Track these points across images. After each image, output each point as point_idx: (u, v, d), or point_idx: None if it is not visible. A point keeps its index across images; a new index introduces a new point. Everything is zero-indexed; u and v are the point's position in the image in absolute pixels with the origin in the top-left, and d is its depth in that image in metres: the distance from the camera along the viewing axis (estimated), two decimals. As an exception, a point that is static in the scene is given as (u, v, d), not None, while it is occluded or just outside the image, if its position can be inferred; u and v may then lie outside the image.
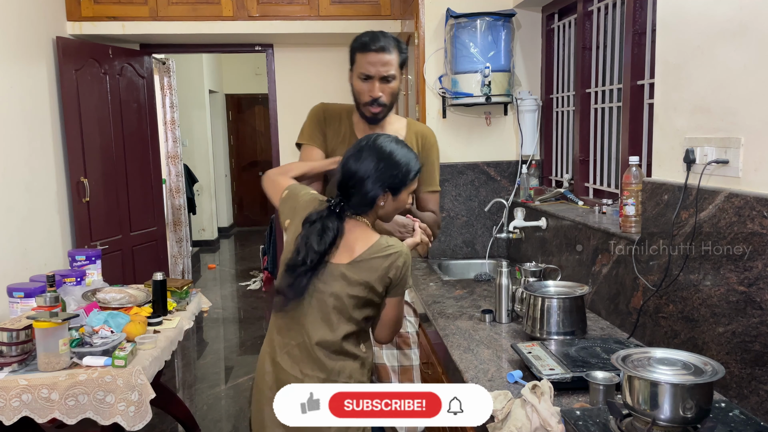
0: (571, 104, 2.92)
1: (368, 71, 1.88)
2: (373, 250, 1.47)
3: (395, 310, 1.54)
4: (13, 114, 3.17)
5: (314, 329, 1.50)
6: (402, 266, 1.48)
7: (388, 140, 1.53)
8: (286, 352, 1.53)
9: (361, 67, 1.89)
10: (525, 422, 1.36)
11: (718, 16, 1.51)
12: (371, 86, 1.90)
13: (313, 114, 2.05)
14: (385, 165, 1.48)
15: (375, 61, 1.87)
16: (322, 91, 4.46)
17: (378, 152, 1.49)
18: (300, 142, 2.05)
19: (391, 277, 1.47)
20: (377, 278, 1.46)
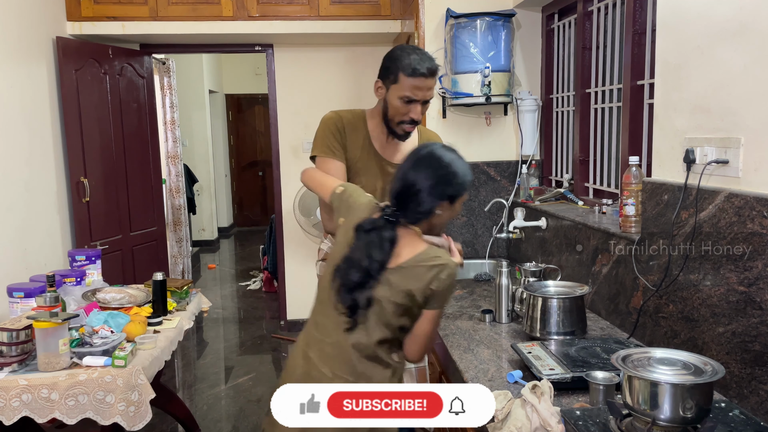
0: (571, 104, 2.92)
1: (414, 96, 1.83)
2: (419, 258, 1.44)
3: (430, 325, 1.48)
4: (13, 114, 3.17)
5: (351, 330, 1.48)
6: (446, 279, 1.43)
7: (445, 150, 1.50)
8: (320, 348, 1.51)
9: (405, 90, 1.82)
10: (525, 422, 1.36)
11: (718, 16, 1.51)
12: (414, 109, 1.85)
13: (329, 125, 1.97)
14: (444, 175, 1.45)
15: (422, 86, 1.83)
16: (322, 91, 4.48)
17: (437, 163, 1.46)
18: (317, 154, 1.98)
19: (433, 288, 1.43)
20: (420, 288, 1.43)
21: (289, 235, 4.59)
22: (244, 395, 3.56)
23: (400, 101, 1.84)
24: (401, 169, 1.49)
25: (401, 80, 1.82)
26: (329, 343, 1.50)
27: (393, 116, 1.89)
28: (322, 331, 1.52)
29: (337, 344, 1.49)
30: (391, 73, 1.85)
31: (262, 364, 4.08)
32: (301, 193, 4.22)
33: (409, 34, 3.48)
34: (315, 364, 1.50)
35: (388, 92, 1.87)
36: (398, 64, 1.83)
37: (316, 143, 1.99)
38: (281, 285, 4.70)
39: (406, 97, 1.83)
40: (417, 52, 1.83)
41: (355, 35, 4.10)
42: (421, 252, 1.45)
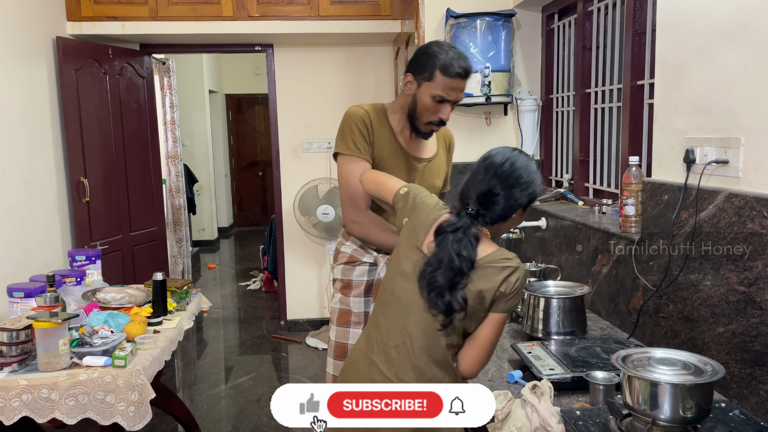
0: (571, 104, 2.92)
1: (448, 96, 1.76)
2: (490, 258, 1.41)
3: (494, 330, 1.43)
4: (13, 114, 3.17)
5: (416, 333, 1.43)
6: (515, 282, 1.40)
7: (529, 159, 1.49)
8: (384, 352, 1.47)
9: (439, 89, 1.75)
10: (525, 422, 1.36)
11: (718, 16, 1.51)
12: (444, 109, 1.79)
13: (357, 121, 1.86)
14: (528, 182, 1.44)
15: (456, 87, 1.76)
16: (322, 92, 4.48)
17: (527, 171, 1.45)
18: (342, 152, 1.87)
19: (503, 291, 1.39)
20: (490, 289, 1.40)
21: (289, 235, 4.59)
22: (244, 395, 3.56)
23: (431, 100, 1.77)
24: (485, 168, 1.45)
25: (437, 78, 1.75)
26: (393, 347, 1.46)
27: (421, 114, 1.81)
28: (385, 335, 1.48)
29: (402, 347, 1.44)
30: (426, 69, 1.76)
31: (262, 364, 4.08)
32: (301, 193, 4.22)
33: (409, 34, 3.48)
34: (380, 368, 1.46)
35: (419, 88, 1.79)
36: (435, 61, 1.74)
37: (342, 140, 1.87)
38: (281, 285, 4.70)
39: (438, 97, 1.76)
40: (454, 50, 1.76)
41: (355, 35, 4.10)
42: (492, 252, 1.43)
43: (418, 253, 1.46)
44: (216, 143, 8.52)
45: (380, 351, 1.47)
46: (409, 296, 1.45)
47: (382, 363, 1.46)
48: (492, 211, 1.43)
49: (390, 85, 4.47)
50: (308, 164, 4.52)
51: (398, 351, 1.44)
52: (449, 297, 1.38)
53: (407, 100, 1.84)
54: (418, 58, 1.80)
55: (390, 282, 1.52)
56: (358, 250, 1.95)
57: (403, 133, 1.90)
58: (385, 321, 1.49)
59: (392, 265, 1.53)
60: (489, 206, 1.43)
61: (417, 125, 1.84)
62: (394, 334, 1.46)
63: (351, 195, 1.85)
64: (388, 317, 1.49)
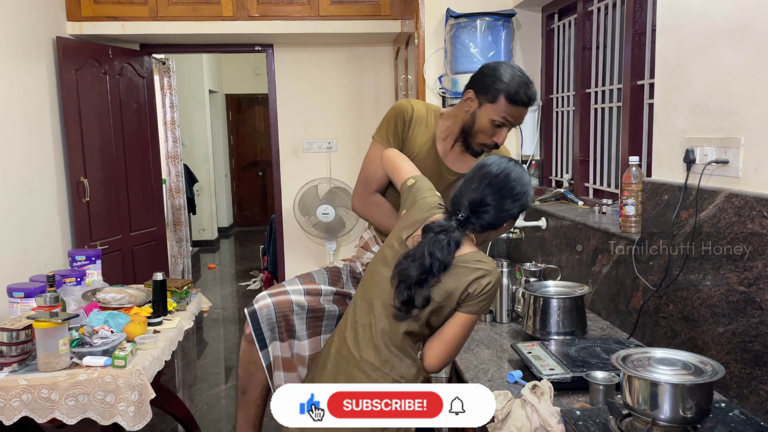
0: (571, 104, 2.92)
1: (507, 122, 1.76)
2: (465, 258, 1.45)
3: (459, 330, 1.47)
4: (13, 114, 3.17)
5: (380, 316, 1.50)
6: (485, 285, 1.43)
7: (524, 170, 1.53)
8: (354, 330, 1.55)
9: (500, 114, 1.74)
10: (525, 422, 1.36)
11: (718, 16, 1.51)
12: (501, 133, 1.78)
13: (397, 113, 1.88)
14: (521, 194, 1.48)
15: (518, 116, 1.77)
16: (322, 91, 4.48)
17: (520, 182, 1.49)
18: (374, 137, 1.92)
19: (470, 292, 1.43)
20: (458, 287, 1.43)
21: (289, 235, 4.59)
22: (244, 395, 3.56)
23: (490, 123, 1.76)
24: (480, 177, 1.49)
25: (500, 103, 1.73)
26: (361, 326, 1.53)
27: (476, 134, 1.81)
28: (358, 314, 1.55)
29: (368, 327, 1.51)
30: (490, 92, 1.74)
31: (262, 364, 4.07)
32: (301, 193, 4.22)
33: (409, 34, 3.48)
34: (347, 343, 1.54)
35: (479, 108, 1.77)
36: (501, 85, 1.72)
37: (381, 127, 1.92)
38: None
39: (498, 121, 1.76)
40: (521, 76, 1.75)
41: (355, 35, 4.10)
42: (468, 253, 1.46)
43: (403, 246, 1.52)
44: (216, 143, 8.52)
45: (351, 328, 1.55)
46: (383, 282, 1.52)
47: (350, 339, 1.54)
48: (482, 219, 1.47)
49: (390, 85, 4.47)
50: (308, 164, 4.52)
51: (364, 330, 1.52)
52: (413, 291, 1.43)
53: (464, 116, 1.82)
54: (483, 77, 1.77)
55: (372, 266, 1.59)
56: (372, 240, 2.07)
57: (446, 142, 1.89)
58: (360, 301, 1.57)
59: (379, 251, 1.60)
60: (479, 214, 1.47)
61: (470, 142, 1.84)
62: (364, 315, 1.54)
63: (366, 176, 1.94)
64: (363, 298, 1.56)
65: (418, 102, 1.93)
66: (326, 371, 1.57)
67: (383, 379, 1.48)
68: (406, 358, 1.49)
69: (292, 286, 1.90)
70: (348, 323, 1.58)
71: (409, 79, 3.58)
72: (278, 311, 1.85)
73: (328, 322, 1.94)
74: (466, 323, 1.47)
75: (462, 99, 1.82)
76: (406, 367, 1.49)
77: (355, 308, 1.58)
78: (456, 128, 1.87)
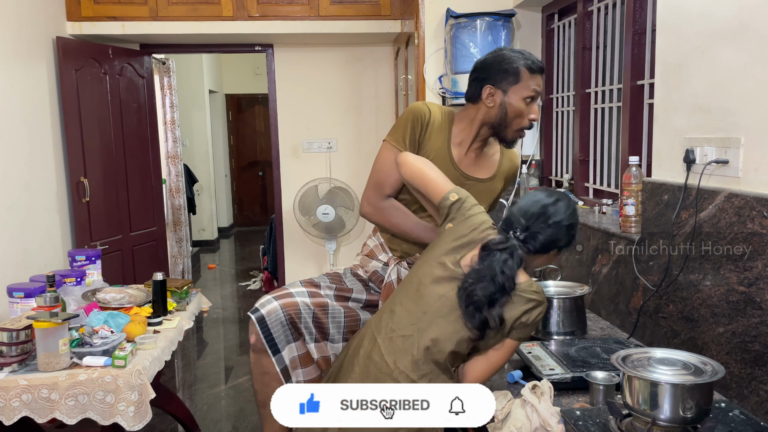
0: (571, 104, 2.92)
1: (536, 92, 1.77)
2: (522, 287, 1.44)
3: (504, 354, 1.48)
4: (13, 114, 3.17)
5: (427, 331, 1.47)
6: (536, 316, 1.44)
7: (576, 209, 1.55)
8: (390, 338, 1.51)
9: (529, 88, 1.75)
10: (525, 422, 1.36)
11: (718, 16, 1.51)
12: (533, 108, 1.78)
13: (414, 116, 1.85)
14: (573, 226, 1.50)
15: (540, 84, 1.78)
16: (322, 91, 4.48)
17: (574, 218, 1.51)
18: (387, 140, 1.88)
19: (523, 321, 1.43)
20: (511, 316, 1.43)
21: (289, 235, 4.59)
22: (244, 395, 3.56)
23: (523, 101, 1.76)
24: (543, 203, 1.49)
25: (524, 78, 1.74)
26: (400, 336, 1.50)
27: (512, 120, 1.79)
28: (396, 323, 1.52)
29: (410, 340, 1.48)
30: (510, 74, 1.75)
31: (262, 364, 4.07)
32: (301, 193, 4.22)
33: (409, 34, 3.48)
34: (380, 350, 1.50)
35: (506, 95, 1.77)
36: (516, 63, 1.74)
37: (394, 129, 1.88)
38: (281, 285, 4.70)
39: (530, 96, 1.76)
40: (523, 50, 1.79)
41: (355, 35, 4.10)
42: (525, 282, 1.46)
43: (457, 266, 1.50)
44: (216, 143, 8.52)
45: (387, 336, 1.52)
46: (434, 299, 1.49)
47: (385, 346, 1.50)
48: (536, 239, 1.47)
49: (390, 85, 4.47)
50: (308, 164, 4.52)
51: (404, 341, 1.49)
52: (486, 313, 1.41)
53: (491, 112, 1.80)
54: (493, 68, 1.77)
55: (418, 277, 1.55)
56: (378, 247, 2.00)
57: (461, 146, 1.87)
58: (400, 310, 1.53)
59: (426, 263, 1.56)
60: (534, 235, 1.47)
61: (506, 135, 1.82)
62: (405, 326, 1.50)
63: (379, 180, 1.87)
64: (404, 308, 1.53)
65: (434, 105, 1.90)
66: (353, 374, 1.53)
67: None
68: (444, 374, 1.47)
69: (294, 288, 1.89)
70: (382, 329, 1.54)
71: (409, 79, 3.58)
72: (286, 313, 1.83)
73: (335, 318, 1.91)
74: (512, 349, 1.49)
75: (483, 97, 1.80)
76: (443, 382, 1.47)
77: (392, 316, 1.54)
78: (473, 131, 1.85)
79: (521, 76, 1.74)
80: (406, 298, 1.55)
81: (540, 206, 1.48)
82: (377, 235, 2.02)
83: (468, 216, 1.58)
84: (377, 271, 1.97)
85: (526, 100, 1.76)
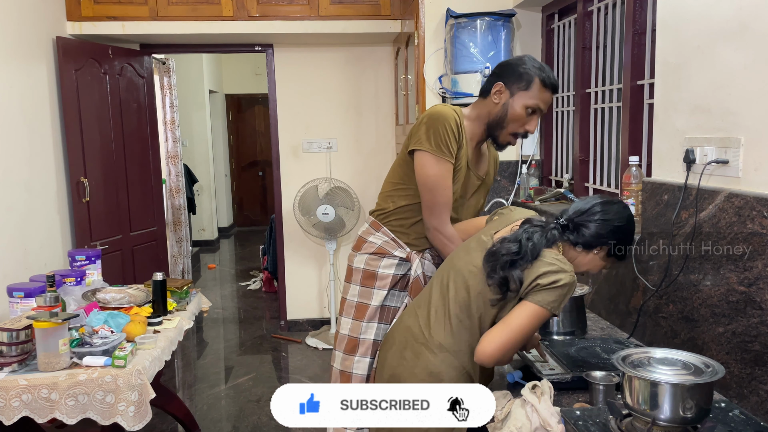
0: (571, 104, 2.92)
1: (541, 107, 1.78)
2: (547, 256, 1.43)
3: (522, 319, 1.40)
4: (13, 114, 3.17)
5: (458, 296, 1.52)
6: (555, 280, 1.39)
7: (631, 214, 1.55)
8: (427, 311, 1.57)
9: (535, 99, 1.76)
10: (525, 422, 1.36)
11: (718, 16, 1.51)
12: (533, 121, 1.79)
13: (450, 122, 1.78)
14: (625, 229, 1.49)
15: (549, 101, 1.79)
16: (322, 92, 4.48)
17: (630, 221, 1.51)
18: (428, 150, 1.77)
19: (540, 282, 1.40)
20: (529, 275, 1.41)
21: (289, 235, 4.59)
22: (244, 395, 3.56)
23: (524, 110, 1.77)
24: (596, 201, 1.50)
25: (534, 88, 1.75)
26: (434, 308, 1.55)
27: (508, 124, 1.79)
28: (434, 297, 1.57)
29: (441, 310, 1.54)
30: (524, 79, 1.76)
31: (262, 364, 4.08)
32: (301, 193, 4.22)
33: (409, 34, 3.48)
34: (420, 323, 1.56)
35: (512, 97, 1.77)
36: (533, 72, 1.76)
37: (431, 138, 1.77)
38: (281, 285, 4.70)
39: (532, 108, 1.77)
40: (545, 66, 1.80)
41: (355, 35, 4.10)
42: (552, 253, 1.45)
43: (490, 240, 1.54)
44: (216, 143, 8.52)
45: (425, 309, 1.58)
46: (465, 265, 1.54)
47: (423, 319, 1.56)
48: (581, 231, 1.47)
49: (390, 85, 4.47)
50: (308, 164, 4.52)
51: (437, 312, 1.54)
52: (506, 272, 1.42)
53: (493, 109, 1.81)
54: (511, 68, 1.79)
55: (453, 255, 1.64)
56: (390, 243, 1.93)
57: (470, 143, 1.87)
58: (437, 286, 1.59)
59: (461, 246, 1.65)
60: (580, 226, 1.48)
61: (498, 135, 1.83)
62: (439, 299, 1.56)
63: (441, 202, 1.81)
64: (441, 284, 1.58)
65: (451, 106, 1.87)
66: (394, 347, 1.61)
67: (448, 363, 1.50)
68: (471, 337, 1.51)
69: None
70: (423, 304, 1.59)
71: (409, 79, 3.58)
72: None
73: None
74: (531, 313, 1.40)
75: (491, 93, 1.81)
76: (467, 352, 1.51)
77: (431, 290, 1.59)
78: (480, 128, 1.85)
79: (532, 85, 1.75)
80: (442, 274, 1.60)
81: (592, 204, 1.49)
82: (382, 230, 1.95)
83: (512, 211, 1.66)
84: (395, 274, 1.92)
85: (528, 110, 1.77)
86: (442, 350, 1.50)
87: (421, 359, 1.52)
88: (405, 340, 1.58)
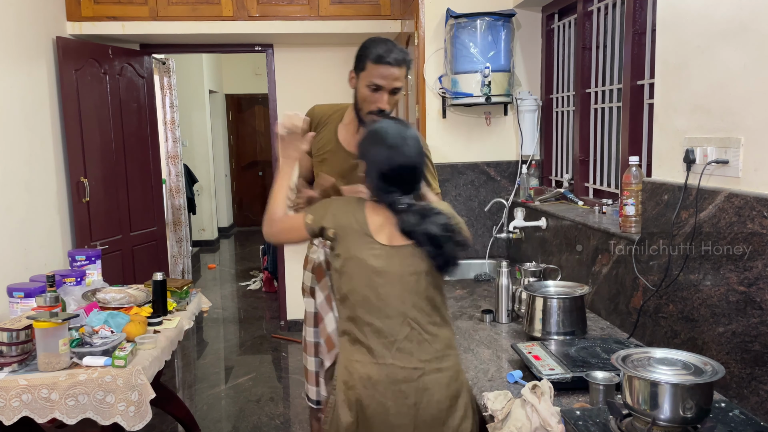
0: (571, 104, 2.92)
1: (380, 83, 1.87)
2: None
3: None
4: (13, 114, 3.17)
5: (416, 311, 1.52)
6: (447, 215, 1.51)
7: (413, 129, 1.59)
8: (398, 348, 1.49)
9: (372, 77, 1.87)
10: (525, 422, 1.36)
11: (718, 16, 1.51)
12: (380, 98, 1.89)
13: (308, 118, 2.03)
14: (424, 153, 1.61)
15: (387, 75, 1.87)
16: (322, 91, 4.47)
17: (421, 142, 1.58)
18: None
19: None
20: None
21: (289, 235, 4.59)
22: (244, 395, 3.56)
23: (367, 89, 1.89)
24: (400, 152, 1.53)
25: (368, 68, 1.87)
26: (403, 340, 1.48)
27: (361, 104, 1.94)
28: (389, 335, 1.48)
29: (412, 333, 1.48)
30: (361, 61, 1.91)
31: (262, 364, 4.08)
32: (301, 193, 4.22)
33: (409, 34, 3.48)
34: (400, 366, 1.47)
35: (358, 80, 1.93)
36: (366, 52, 1.89)
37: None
38: (281, 285, 4.70)
39: (372, 85, 1.87)
40: (387, 43, 1.89)
41: (356, 35, 4.10)
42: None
43: (384, 247, 1.49)
44: (216, 143, 8.52)
45: (394, 351, 1.47)
46: (393, 288, 1.48)
47: (401, 360, 1.46)
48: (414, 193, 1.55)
49: (390, 85, 4.47)
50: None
51: (409, 340, 1.47)
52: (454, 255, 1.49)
53: (354, 95, 1.99)
54: (357, 55, 1.94)
55: (366, 284, 1.49)
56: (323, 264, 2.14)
57: (349, 127, 2.04)
58: (382, 323, 1.48)
59: (357, 269, 1.50)
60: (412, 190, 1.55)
61: (360, 116, 1.97)
62: (399, 329, 1.47)
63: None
64: (384, 318, 1.48)
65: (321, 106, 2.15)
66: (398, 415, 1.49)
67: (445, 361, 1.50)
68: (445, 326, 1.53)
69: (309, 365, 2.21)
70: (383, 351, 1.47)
71: (409, 79, 3.58)
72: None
73: None
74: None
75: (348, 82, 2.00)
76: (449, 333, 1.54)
77: (380, 334, 1.48)
78: (352, 113, 2.02)
79: (367, 65, 1.88)
80: (375, 309, 1.49)
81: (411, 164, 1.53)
82: (327, 245, 2.16)
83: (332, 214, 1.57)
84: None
85: (369, 88, 1.89)
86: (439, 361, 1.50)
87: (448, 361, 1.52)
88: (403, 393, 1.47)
